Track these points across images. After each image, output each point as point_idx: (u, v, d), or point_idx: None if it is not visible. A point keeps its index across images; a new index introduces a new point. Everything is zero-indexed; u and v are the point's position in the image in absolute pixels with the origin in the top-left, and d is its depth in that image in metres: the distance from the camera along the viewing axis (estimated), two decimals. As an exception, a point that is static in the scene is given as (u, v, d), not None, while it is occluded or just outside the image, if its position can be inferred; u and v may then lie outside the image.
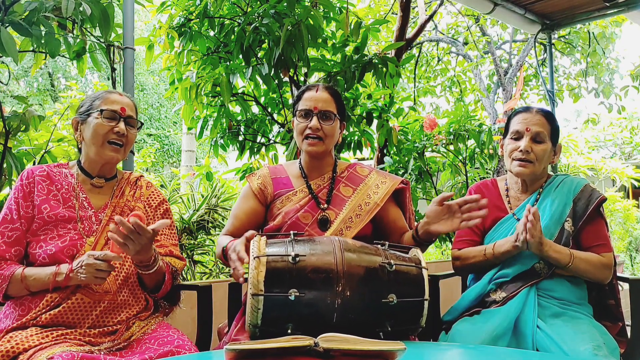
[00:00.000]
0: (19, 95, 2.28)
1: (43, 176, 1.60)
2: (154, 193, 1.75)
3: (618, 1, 4.40)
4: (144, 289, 1.63)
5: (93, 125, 1.58)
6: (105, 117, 1.58)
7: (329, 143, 1.74)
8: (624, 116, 11.30)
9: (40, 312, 1.44)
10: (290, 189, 1.76)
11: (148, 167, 9.02)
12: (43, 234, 1.52)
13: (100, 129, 1.57)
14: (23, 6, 2.08)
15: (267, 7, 2.72)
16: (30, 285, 1.44)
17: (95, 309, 1.48)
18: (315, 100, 1.72)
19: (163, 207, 1.74)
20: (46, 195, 1.56)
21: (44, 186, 1.58)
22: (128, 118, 1.62)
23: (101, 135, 1.57)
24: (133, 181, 1.73)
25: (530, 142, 1.74)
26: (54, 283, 1.43)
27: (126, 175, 1.74)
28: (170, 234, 1.73)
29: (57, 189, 1.59)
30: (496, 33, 9.54)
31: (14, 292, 1.47)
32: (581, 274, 1.67)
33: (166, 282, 1.61)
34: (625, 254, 7.52)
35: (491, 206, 1.85)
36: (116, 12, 2.36)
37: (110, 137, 1.58)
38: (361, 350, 1.03)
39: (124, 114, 1.61)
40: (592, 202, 1.72)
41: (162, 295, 1.65)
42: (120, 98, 1.63)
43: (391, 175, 1.82)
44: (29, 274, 1.45)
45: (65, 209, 1.56)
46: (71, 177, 1.63)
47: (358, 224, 1.68)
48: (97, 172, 1.64)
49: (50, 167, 1.65)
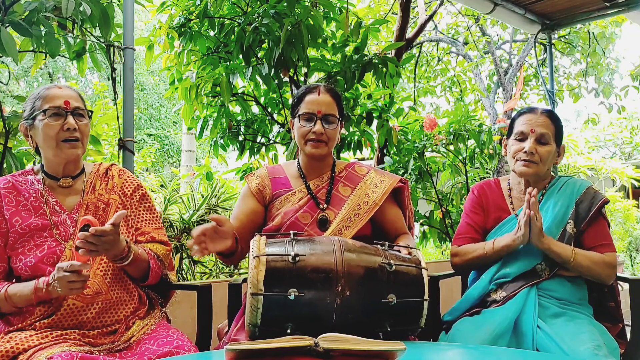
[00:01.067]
0: (19, 95, 2.28)
1: (8, 188, 1.54)
2: (128, 180, 1.68)
3: (618, 1, 4.40)
4: (135, 282, 1.61)
5: (41, 128, 1.49)
6: (51, 117, 1.49)
7: (331, 145, 1.75)
8: (624, 116, 11.31)
9: (35, 320, 1.43)
10: (289, 189, 1.75)
11: (148, 167, 9.02)
12: (20, 246, 1.48)
13: (49, 130, 1.49)
14: (23, 6, 2.08)
15: (267, 7, 2.72)
16: (17, 303, 1.42)
17: (90, 311, 1.46)
18: (319, 104, 1.71)
19: (139, 192, 1.68)
20: (15, 207, 1.51)
21: (11, 198, 1.52)
22: (75, 110, 1.53)
23: (52, 137, 1.49)
24: (103, 173, 1.66)
25: (534, 144, 1.73)
26: (37, 298, 1.40)
27: (95, 168, 1.66)
28: (152, 219, 1.68)
29: (25, 198, 1.53)
30: (496, 33, 9.55)
31: (4, 309, 1.45)
32: (584, 271, 1.65)
33: (152, 267, 1.57)
34: (625, 254, 7.52)
35: (494, 206, 1.85)
36: (116, 12, 2.36)
37: (63, 135, 1.50)
38: (361, 350, 1.03)
39: (68, 107, 1.51)
40: (594, 205, 1.71)
41: (155, 282, 1.62)
42: (60, 92, 1.53)
43: (390, 174, 1.82)
44: (12, 292, 1.42)
45: (37, 218, 1.51)
46: (37, 183, 1.56)
47: (357, 223, 1.68)
48: (61, 172, 1.57)
49: (15, 176, 1.59)
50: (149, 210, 1.69)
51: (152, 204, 1.72)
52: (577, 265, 1.63)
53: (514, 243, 1.65)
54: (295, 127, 1.75)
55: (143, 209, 1.68)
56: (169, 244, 1.69)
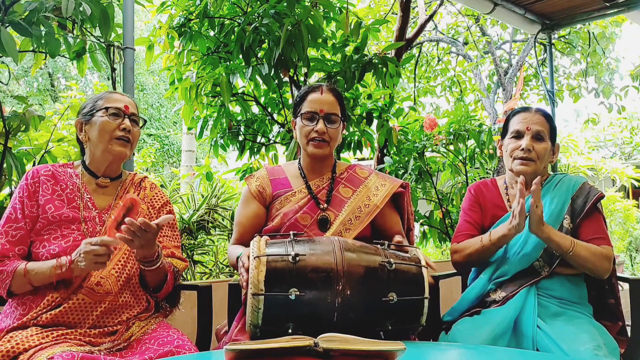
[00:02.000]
0: (19, 95, 2.28)
1: (48, 176, 1.60)
2: (158, 195, 1.76)
3: (618, 1, 4.40)
4: (145, 289, 1.63)
5: (99, 123, 1.59)
6: (111, 114, 1.60)
7: (333, 145, 1.75)
8: (624, 116, 11.31)
9: (41, 312, 1.44)
10: (289, 190, 1.75)
11: (148, 167, 9.02)
12: (47, 233, 1.52)
13: (107, 126, 1.59)
14: (23, 6, 2.08)
15: (267, 7, 2.72)
16: (33, 280, 1.45)
17: (96, 310, 1.48)
18: (321, 103, 1.71)
19: (166, 209, 1.74)
20: (51, 195, 1.57)
21: (48, 186, 1.58)
22: (132, 115, 1.64)
23: (108, 132, 1.59)
24: (137, 182, 1.74)
25: (531, 141, 1.74)
26: (57, 276, 1.43)
27: (130, 176, 1.74)
28: (173, 236, 1.74)
29: (61, 189, 1.59)
30: (496, 33, 9.55)
31: (17, 287, 1.47)
32: (582, 263, 1.64)
33: (168, 281, 1.62)
34: (625, 254, 7.52)
35: (490, 204, 1.85)
36: (116, 12, 2.36)
37: (117, 133, 1.60)
38: (361, 350, 1.03)
39: (127, 111, 1.63)
40: (590, 199, 1.72)
41: (164, 296, 1.65)
42: (121, 97, 1.66)
43: (391, 177, 1.82)
44: (31, 268, 1.45)
45: (69, 209, 1.56)
46: (76, 177, 1.63)
47: (358, 225, 1.67)
48: (102, 171, 1.64)
49: (55, 166, 1.65)
50: (172, 227, 1.75)
51: (176, 222, 1.78)
52: (575, 255, 1.62)
53: (509, 232, 1.64)
54: (297, 127, 1.75)
55: (167, 225, 1.73)
56: (186, 261, 1.75)
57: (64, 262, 1.43)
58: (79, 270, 1.42)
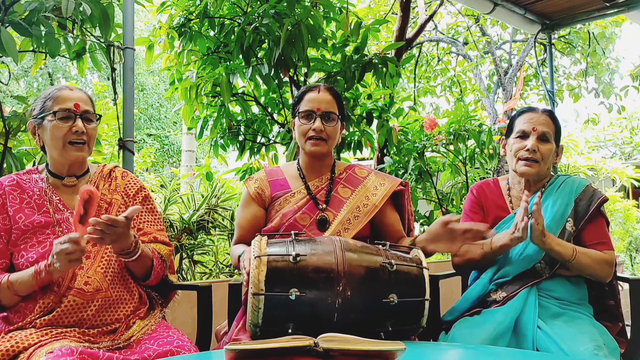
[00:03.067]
0: (19, 95, 2.28)
1: (13, 186, 1.56)
2: (131, 182, 1.70)
3: (618, 1, 4.40)
4: (136, 281, 1.61)
5: (49, 128, 1.52)
6: (60, 119, 1.52)
7: (331, 144, 1.75)
8: (624, 116, 11.31)
9: (36, 317, 1.43)
10: (288, 190, 1.75)
11: (148, 167, 9.01)
12: (23, 243, 1.50)
13: (58, 131, 1.52)
14: (23, 6, 2.08)
15: (267, 7, 2.72)
16: (18, 291, 1.43)
17: (90, 309, 1.47)
18: (318, 101, 1.72)
19: (141, 194, 1.70)
20: (19, 205, 1.53)
21: (15, 195, 1.54)
22: (84, 114, 1.55)
23: (60, 138, 1.52)
24: (107, 173, 1.68)
25: (536, 142, 1.74)
26: (38, 282, 1.41)
27: (99, 169, 1.69)
28: (154, 220, 1.70)
29: (29, 196, 1.56)
30: (496, 33, 9.54)
31: (5, 300, 1.46)
32: (583, 270, 1.65)
33: (155, 267, 1.58)
34: (625, 254, 7.52)
35: (493, 205, 1.85)
36: (116, 12, 2.36)
37: (70, 137, 1.52)
38: (361, 350, 1.03)
39: (78, 110, 1.53)
40: (593, 203, 1.72)
41: (156, 282, 1.62)
42: (71, 94, 1.55)
43: (390, 176, 1.82)
44: (14, 279, 1.43)
45: (40, 215, 1.53)
46: (42, 181, 1.59)
47: (356, 225, 1.67)
48: (66, 172, 1.60)
49: (20, 174, 1.61)
50: (151, 212, 1.71)
51: (155, 206, 1.74)
52: (577, 263, 1.63)
53: (511, 243, 1.65)
54: (296, 126, 1.76)
55: (145, 211, 1.70)
56: (170, 244, 1.71)
57: (42, 268, 1.40)
58: (57, 272, 1.39)
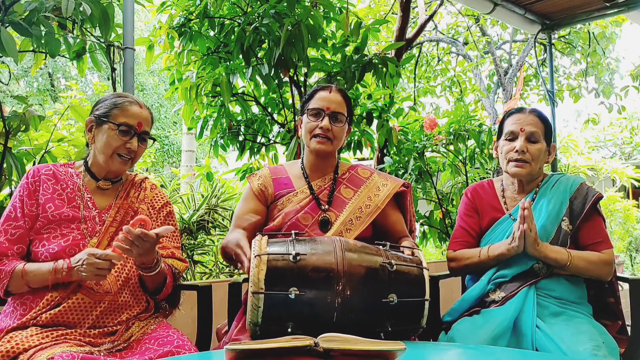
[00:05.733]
0: (19, 95, 2.27)
1: (49, 175, 1.60)
2: (158, 195, 1.75)
3: (618, 1, 4.40)
4: (145, 290, 1.63)
5: (106, 135, 1.57)
6: (121, 131, 1.57)
7: (336, 144, 1.75)
8: (624, 116, 11.31)
9: (41, 312, 1.44)
10: (291, 190, 1.75)
11: (148, 167, 9.02)
12: (46, 232, 1.52)
13: (113, 141, 1.57)
14: (23, 6, 2.08)
15: (267, 7, 2.72)
16: (30, 281, 1.45)
17: (96, 309, 1.48)
18: (329, 100, 1.73)
19: (166, 209, 1.74)
20: (51, 194, 1.57)
21: (49, 185, 1.58)
22: (142, 133, 1.62)
23: (112, 148, 1.57)
24: (138, 183, 1.73)
25: (525, 142, 1.74)
26: (54, 279, 1.43)
27: (131, 177, 1.74)
28: (173, 237, 1.73)
29: (62, 188, 1.59)
30: (496, 33, 9.55)
31: (14, 288, 1.47)
32: (581, 273, 1.67)
33: (167, 284, 1.61)
34: (625, 254, 7.52)
35: (488, 207, 1.85)
36: (116, 12, 2.36)
37: (121, 151, 1.58)
38: (361, 350, 1.03)
39: (139, 129, 1.60)
40: (588, 201, 1.72)
41: (164, 297, 1.65)
42: (139, 111, 1.61)
43: (392, 177, 1.82)
44: (30, 269, 1.45)
45: (69, 209, 1.56)
46: (77, 177, 1.63)
47: (358, 226, 1.68)
48: (103, 175, 1.64)
49: (57, 166, 1.65)
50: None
51: (176, 223, 1.78)
52: (574, 267, 1.65)
53: (508, 252, 1.67)
54: (303, 123, 1.76)
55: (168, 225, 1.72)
56: (186, 261, 1.74)
57: (63, 267, 1.43)
58: (78, 277, 1.43)
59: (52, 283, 1.44)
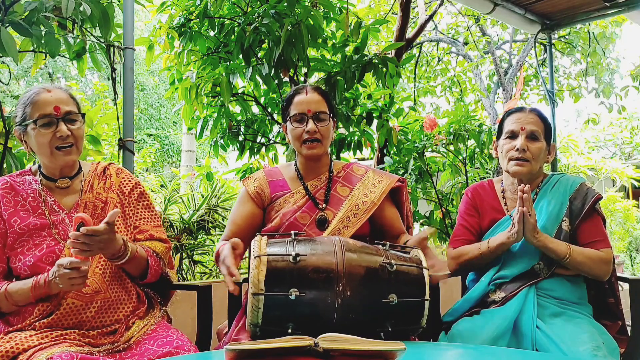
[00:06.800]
0: (19, 95, 2.28)
1: (6, 189, 1.54)
2: (126, 179, 1.68)
3: (618, 1, 4.40)
4: (134, 280, 1.61)
5: (33, 136, 1.49)
6: (42, 126, 1.47)
7: (326, 144, 1.75)
8: (624, 116, 11.29)
9: (35, 320, 1.43)
10: (287, 191, 1.76)
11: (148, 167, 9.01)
12: (19, 246, 1.49)
13: (42, 138, 1.48)
14: (23, 6, 2.08)
15: (267, 7, 2.72)
16: (17, 301, 1.43)
17: (89, 310, 1.47)
18: (307, 103, 1.71)
19: (137, 191, 1.68)
20: (14, 207, 1.52)
21: (9, 198, 1.53)
22: (66, 115, 1.50)
23: (46, 145, 1.48)
24: (101, 172, 1.65)
25: (525, 141, 1.74)
26: (35, 295, 1.40)
27: (92, 168, 1.66)
28: (150, 217, 1.68)
29: (23, 198, 1.54)
30: (496, 33, 9.54)
31: (4, 308, 1.46)
32: (580, 268, 1.66)
33: (151, 265, 1.57)
34: (625, 254, 7.52)
35: (488, 207, 1.85)
36: (116, 12, 2.36)
37: (56, 143, 1.49)
38: (361, 350, 1.03)
39: (59, 113, 1.48)
40: (588, 201, 1.72)
41: (155, 279, 1.61)
42: (49, 96, 1.49)
43: (388, 173, 1.83)
44: (12, 290, 1.42)
45: (35, 218, 1.51)
46: (35, 183, 1.57)
47: (355, 223, 1.68)
48: (58, 174, 1.57)
49: (13, 176, 1.59)
50: (147, 208, 1.69)
51: (151, 202, 1.71)
52: (572, 261, 1.64)
53: (508, 241, 1.65)
54: (289, 130, 1.75)
55: (141, 207, 1.68)
56: (168, 241, 1.69)
57: (42, 282, 1.39)
58: (58, 289, 1.39)
59: (35, 299, 1.42)
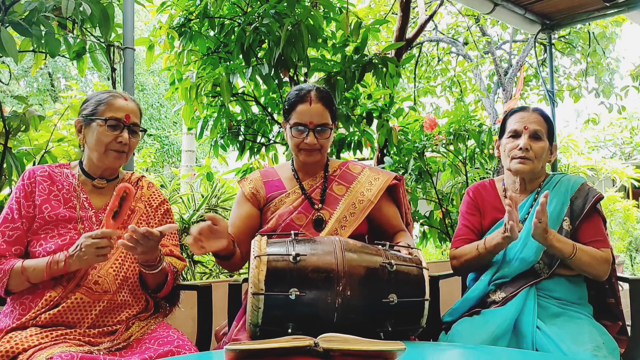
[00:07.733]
0: (19, 95, 2.28)
1: (44, 176, 1.60)
2: (155, 193, 1.75)
3: (618, 1, 4.40)
4: (144, 289, 1.63)
5: (96, 133, 1.57)
6: (109, 126, 1.57)
7: (325, 151, 1.74)
8: (624, 116, 11.30)
9: (40, 312, 1.44)
10: (283, 191, 1.75)
11: (148, 167, 9.02)
12: (43, 233, 1.53)
13: (104, 137, 1.57)
14: (23, 6, 2.08)
15: (267, 7, 2.72)
16: (30, 277, 1.45)
17: (95, 309, 1.48)
18: (310, 115, 1.67)
19: (163, 207, 1.74)
20: (47, 195, 1.57)
21: (45, 186, 1.58)
22: (132, 125, 1.61)
23: (104, 144, 1.57)
24: (134, 182, 1.73)
25: (528, 140, 1.74)
26: (50, 272, 1.43)
27: (127, 176, 1.74)
28: (172, 235, 1.74)
29: (58, 189, 1.59)
30: (496, 33, 9.53)
31: (14, 286, 1.47)
32: (583, 267, 1.65)
33: (168, 282, 1.62)
34: (625, 254, 7.52)
35: (489, 207, 1.85)
36: (116, 12, 2.36)
37: (113, 146, 1.58)
38: (361, 350, 1.03)
39: (128, 121, 1.59)
40: (589, 201, 1.72)
41: (164, 296, 1.65)
42: (125, 104, 1.61)
43: (384, 171, 1.81)
44: (28, 265, 1.45)
45: (66, 209, 1.57)
46: (72, 177, 1.63)
47: (353, 222, 1.67)
48: (98, 174, 1.64)
49: (52, 167, 1.65)
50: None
51: (174, 221, 1.77)
52: (577, 260, 1.62)
53: (503, 242, 1.64)
54: (288, 134, 1.74)
55: (166, 224, 1.72)
56: (184, 260, 1.74)
57: (60, 258, 1.43)
58: (77, 264, 1.42)
59: (48, 276, 1.44)
